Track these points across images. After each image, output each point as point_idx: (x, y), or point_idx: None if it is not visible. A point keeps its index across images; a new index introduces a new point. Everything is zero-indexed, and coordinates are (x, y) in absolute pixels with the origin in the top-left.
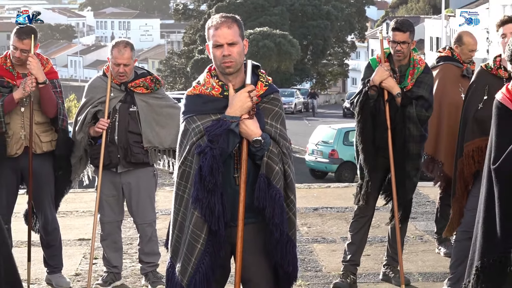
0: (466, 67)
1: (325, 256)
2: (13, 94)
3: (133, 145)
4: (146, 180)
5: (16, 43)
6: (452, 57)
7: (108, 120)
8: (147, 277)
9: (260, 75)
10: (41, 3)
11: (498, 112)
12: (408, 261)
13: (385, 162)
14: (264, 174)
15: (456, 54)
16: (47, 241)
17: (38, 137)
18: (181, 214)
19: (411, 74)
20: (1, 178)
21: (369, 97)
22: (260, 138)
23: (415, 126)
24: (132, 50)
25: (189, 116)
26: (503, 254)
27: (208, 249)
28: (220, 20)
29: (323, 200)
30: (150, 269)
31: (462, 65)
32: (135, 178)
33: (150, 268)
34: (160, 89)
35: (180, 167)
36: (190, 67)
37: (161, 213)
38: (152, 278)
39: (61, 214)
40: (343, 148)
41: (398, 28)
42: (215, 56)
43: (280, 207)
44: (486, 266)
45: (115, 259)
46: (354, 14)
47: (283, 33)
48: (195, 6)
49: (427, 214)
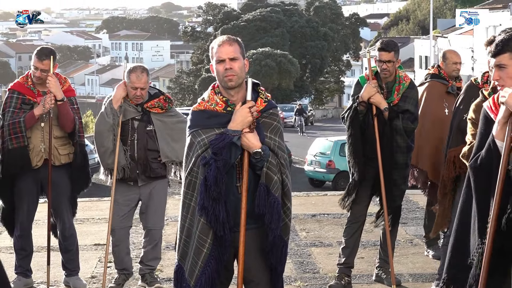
0: (451, 84)
1: (322, 259)
2: (34, 110)
3: (152, 161)
4: (161, 190)
5: (36, 63)
6: (439, 75)
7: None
8: (144, 278)
9: (260, 92)
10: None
11: (483, 119)
12: (399, 263)
13: (374, 172)
14: (264, 183)
15: (442, 72)
16: (65, 246)
17: (57, 150)
18: (189, 220)
19: (397, 90)
20: (23, 188)
21: (359, 112)
22: (260, 150)
23: (402, 137)
24: (148, 75)
25: (195, 130)
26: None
27: (213, 253)
28: (222, 39)
29: (321, 207)
30: (148, 271)
31: (448, 82)
32: (152, 189)
33: (148, 270)
34: (172, 107)
35: (186, 177)
36: (198, 84)
37: (170, 219)
38: (149, 278)
39: (78, 221)
40: (339, 158)
41: (383, 48)
42: (218, 71)
43: (277, 214)
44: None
45: (127, 262)
46: (349, 35)
47: (284, 53)
48: (202, 28)
49: (417, 219)
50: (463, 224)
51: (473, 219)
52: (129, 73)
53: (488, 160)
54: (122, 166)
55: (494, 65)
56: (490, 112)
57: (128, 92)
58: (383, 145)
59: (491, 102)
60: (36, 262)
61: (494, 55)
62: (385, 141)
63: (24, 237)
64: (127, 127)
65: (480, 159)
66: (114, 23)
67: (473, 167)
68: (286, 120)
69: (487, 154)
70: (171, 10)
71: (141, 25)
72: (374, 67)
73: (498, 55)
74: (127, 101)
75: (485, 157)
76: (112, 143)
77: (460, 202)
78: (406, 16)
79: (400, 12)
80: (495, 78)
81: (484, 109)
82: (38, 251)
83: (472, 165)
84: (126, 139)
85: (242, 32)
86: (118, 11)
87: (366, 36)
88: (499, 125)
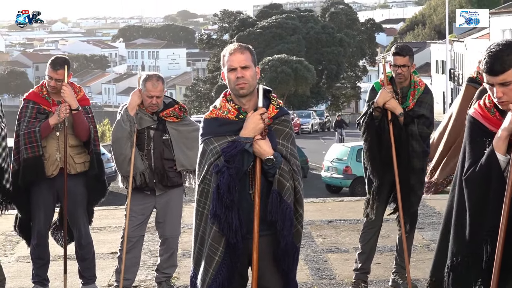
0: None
1: (338, 265)
2: (49, 120)
3: (168, 170)
4: (177, 199)
5: (51, 73)
6: (475, 79)
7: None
8: (160, 286)
9: (271, 99)
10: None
11: (470, 126)
12: (415, 268)
13: (391, 177)
14: (276, 190)
15: (479, 76)
16: (81, 254)
17: (72, 159)
18: (202, 228)
19: (412, 95)
20: (39, 197)
21: (374, 118)
22: (272, 157)
23: (417, 143)
24: (163, 83)
25: (207, 138)
26: (470, 254)
27: (226, 261)
28: (233, 47)
29: (337, 213)
30: (164, 279)
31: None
32: (169, 198)
33: (164, 277)
34: (187, 116)
35: (199, 185)
36: (214, 92)
37: (187, 227)
38: (165, 286)
39: (95, 230)
40: (356, 164)
41: (398, 53)
42: (230, 80)
43: (289, 220)
44: (456, 266)
45: (132, 272)
46: (365, 40)
47: (300, 59)
48: (218, 36)
49: (433, 224)
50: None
51: (460, 231)
52: (144, 82)
53: (487, 172)
54: (141, 171)
55: (497, 83)
56: (483, 121)
57: (143, 100)
58: (399, 150)
59: (479, 109)
60: (53, 271)
61: (497, 73)
62: (401, 146)
63: (41, 246)
64: (143, 135)
65: (477, 171)
66: (131, 32)
67: (470, 179)
68: (303, 126)
69: (486, 167)
70: (187, 18)
71: (157, 33)
72: (389, 73)
73: (502, 73)
74: (143, 110)
75: (484, 169)
76: (130, 150)
77: (455, 203)
78: (422, 20)
79: (416, 17)
80: (499, 96)
81: (470, 116)
82: (55, 259)
83: (469, 177)
84: (143, 148)
85: (258, 39)
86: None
87: (382, 41)
88: (501, 138)
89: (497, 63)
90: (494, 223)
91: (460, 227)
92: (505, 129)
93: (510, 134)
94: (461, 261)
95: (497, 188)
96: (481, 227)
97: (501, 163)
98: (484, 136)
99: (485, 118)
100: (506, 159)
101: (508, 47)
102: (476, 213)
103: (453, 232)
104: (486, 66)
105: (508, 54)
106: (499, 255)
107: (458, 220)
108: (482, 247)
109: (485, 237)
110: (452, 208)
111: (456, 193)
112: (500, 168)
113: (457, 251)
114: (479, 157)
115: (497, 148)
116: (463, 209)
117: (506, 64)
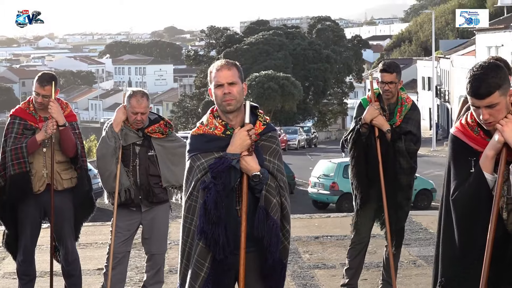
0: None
1: (325, 281)
2: (36, 136)
3: (154, 186)
4: (163, 215)
5: (38, 89)
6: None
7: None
8: None
9: (258, 115)
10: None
11: (452, 146)
12: (402, 284)
13: (378, 194)
14: (263, 206)
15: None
16: (68, 271)
17: (59, 175)
18: (189, 244)
19: (399, 111)
20: (26, 213)
21: (361, 134)
22: (259, 173)
23: (405, 159)
24: (148, 99)
25: (194, 154)
26: (459, 273)
27: (211, 277)
28: (221, 64)
29: (324, 229)
30: None
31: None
32: (155, 214)
33: None
34: (172, 132)
35: (186, 202)
36: (201, 108)
37: (173, 243)
38: None
39: (82, 246)
40: (343, 180)
41: (385, 70)
42: (217, 96)
43: (276, 237)
44: (445, 285)
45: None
46: (351, 57)
47: (287, 75)
48: (205, 52)
49: (420, 240)
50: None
51: (448, 250)
52: (129, 98)
53: (475, 192)
54: (127, 187)
55: (483, 106)
56: (467, 140)
57: (128, 116)
58: (386, 167)
59: (462, 128)
60: (39, 287)
61: (483, 96)
62: (388, 163)
63: (27, 262)
64: (128, 152)
65: (465, 191)
66: (117, 48)
67: (458, 200)
68: (289, 142)
69: (474, 187)
70: (174, 34)
71: (144, 49)
72: (377, 89)
73: (488, 97)
74: (128, 126)
75: (472, 190)
76: (115, 166)
77: (442, 222)
78: (409, 37)
79: (402, 34)
80: (486, 118)
81: (452, 135)
82: (41, 276)
83: (457, 198)
84: (128, 164)
85: (245, 55)
86: (121, 35)
87: (369, 58)
88: (489, 157)
89: (482, 87)
90: (484, 242)
91: (449, 246)
92: (493, 148)
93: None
94: (451, 280)
95: (487, 207)
96: (471, 245)
97: (489, 182)
98: (469, 155)
99: (468, 137)
100: (494, 178)
101: (492, 69)
102: (465, 232)
103: (442, 251)
104: (471, 90)
105: (492, 76)
106: (485, 272)
107: (446, 239)
108: (472, 266)
109: (476, 256)
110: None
111: (442, 213)
112: (489, 188)
113: (446, 270)
114: (464, 177)
115: (485, 168)
116: (451, 228)
117: (492, 87)
